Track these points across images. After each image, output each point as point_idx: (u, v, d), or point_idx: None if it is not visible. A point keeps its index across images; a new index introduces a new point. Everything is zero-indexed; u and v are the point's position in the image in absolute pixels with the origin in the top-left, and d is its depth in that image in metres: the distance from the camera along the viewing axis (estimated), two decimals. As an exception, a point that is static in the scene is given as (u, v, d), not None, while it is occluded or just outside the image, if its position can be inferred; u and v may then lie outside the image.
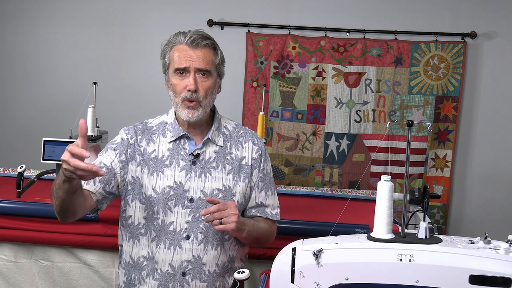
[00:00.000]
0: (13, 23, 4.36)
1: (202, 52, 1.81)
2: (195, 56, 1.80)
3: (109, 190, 1.83)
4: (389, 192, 1.49)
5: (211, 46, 1.84)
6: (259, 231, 1.89)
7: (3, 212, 2.44)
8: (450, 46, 4.04)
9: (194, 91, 1.79)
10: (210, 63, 1.82)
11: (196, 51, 1.80)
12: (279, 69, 4.17)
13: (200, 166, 1.85)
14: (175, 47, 1.83)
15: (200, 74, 1.81)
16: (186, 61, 1.80)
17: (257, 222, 1.90)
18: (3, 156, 4.34)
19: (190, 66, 1.80)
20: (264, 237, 1.94)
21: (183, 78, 1.81)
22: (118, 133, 1.93)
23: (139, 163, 1.85)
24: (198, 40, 1.80)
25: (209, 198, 1.77)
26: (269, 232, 1.95)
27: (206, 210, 1.73)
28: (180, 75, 1.82)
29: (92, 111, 2.86)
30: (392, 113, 4.12)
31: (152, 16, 4.27)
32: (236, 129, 1.96)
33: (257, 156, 1.92)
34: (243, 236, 1.83)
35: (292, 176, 4.22)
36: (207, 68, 1.81)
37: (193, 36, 1.81)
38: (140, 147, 1.87)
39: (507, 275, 1.34)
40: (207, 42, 1.82)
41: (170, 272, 1.83)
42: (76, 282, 2.48)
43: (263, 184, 1.93)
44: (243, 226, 1.80)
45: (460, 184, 4.19)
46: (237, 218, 1.74)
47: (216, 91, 1.89)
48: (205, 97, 1.82)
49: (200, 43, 1.81)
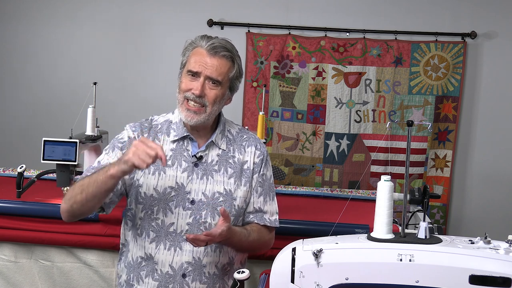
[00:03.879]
0: (13, 23, 4.36)
1: (218, 62, 1.80)
2: (210, 63, 1.79)
3: (117, 191, 1.83)
4: (389, 192, 1.49)
5: (229, 58, 1.82)
6: (249, 242, 1.87)
7: (3, 212, 2.44)
8: (450, 46, 4.04)
9: (198, 96, 1.79)
10: (223, 74, 1.80)
11: (212, 59, 1.79)
12: (279, 69, 4.17)
13: (202, 169, 1.85)
14: (195, 49, 1.82)
15: (210, 82, 1.80)
16: (200, 66, 1.79)
17: (249, 233, 1.87)
18: (3, 156, 4.34)
19: (202, 72, 1.79)
20: (256, 247, 1.94)
21: (192, 81, 1.81)
22: (123, 129, 1.91)
23: None
24: (218, 48, 1.80)
25: (222, 210, 1.73)
26: (264, 241, 1.94)
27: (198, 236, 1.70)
28: (191, 77, 1.81)
29: (92, 111, 2.86)
30: (392, 113, 4.12)
31: (152, 16, 4.27)
32: (240, 133, 1.95)
33: (259, 161, 1.92)
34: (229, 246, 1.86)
35: (292, 176, 4.22)
36: (218, 79, 1.80)
37: (215, 43, 1.80)
38: None
39: (507, 275, 1.34)
40: (226, 54, 1.81)
41: (170, 273, 1.83)
42: (76, 282, 2.48)
43: (262, 189, 1.93)
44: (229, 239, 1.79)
45: (460, 184, 4.19)
46: (221, 238, 1.74)
47: (224, 102, 1.88)
48: (212, 105, 1.81)
49: (219, 52, 1.80)
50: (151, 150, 1.61)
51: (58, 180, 2.61)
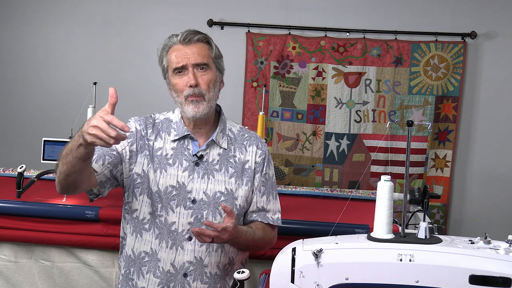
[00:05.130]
0: (13, 23, 4.36)
1: (196, 47, 1.81)
2: (190, 52, 1.80)
3: (115, 174, 1.82)
4: (389, 192, 1.49)
5: (205, 40, 1.84)
6: (254, 240, 1.87)
7: (3, 212, 2.44)
8: (450, 46, 4.04)
9: (195, 86, 1.79)
10: (206, 56, 1.82)
11: (190, 47, 1.80)
12: (279, 69, 4.17)
13: (203, 168, 1.85)
14: (170, 49, 1.83)
15: (198, 69, 1.81)
16: (183, 59, 1.80)
17: (254, 231, 1.88)
18: (3, 156, 4.34)
19: (187, 63, 1.79)
20: (260, 245, 1.94)
21: (182, 76, 1.81)
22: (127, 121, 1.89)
23: (147, 157, 1.84)
24: (190, 36, 1.81)
25: (223, 205, 1.72)
26: (268, 239, 1.95)
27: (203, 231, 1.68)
28: (179, 74, 1.81)
29: (92, 111, 2.86)
30: (392, 113, 4.12)
31: (152, 16, 4.27)
32: (241, 132, 1.95)
33: (260, 160, 1.91)
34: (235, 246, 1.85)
35: (292, 176, 4.22)
36: (204, 62, 1.81)
37: (185, 33, 1.82)
38: (149, 141, 1.86)
39: (507, 275, 1.34)
40: (200, 37, 1.82)
41: (172, 272, 1.83)
42: (76, 282, 2.48)
43: (265, 188, 1.93)
44: (236, 239, 1.78)
45: (460, 184, 4.19)
46: (229, 236, 1.72)
47: (219, 85, 1.88)
48: (208, 91, 1.81)
49: (192, 38, 1.81)
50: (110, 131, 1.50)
51: (58, 180, 2.61)
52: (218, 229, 1.68)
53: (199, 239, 1.70)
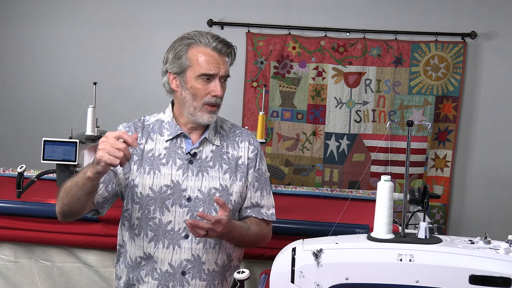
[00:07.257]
0: (13, 23, 4.36)
1: (225, 60, 1.83)
2: (221, 62, 1.81)
3: (111, 189, 1.83)
4: (389, 192, 1.49)
5: (231, 53, 1.85)
6: (249, 235, 1.87)
7: (3, 212, 2.45)
8: (450, 46, 4.04)
9: (220, 97, 1.82)
10: (229, 69, 1.85)
11: (221, 57, 1.81)
12: (279, 69, 4.17)
13: (197, 165, 1.85)
14: (197, 49, 1.80)
15: (222, 80, 1.83)
16: (215, 68, 1.80)
17: (248, 226, 1.88)
18: (3, 156, 4.34)
19: (218, 73, 1.80)
20: (255, 240, 1.94)
21: (207, 84, 1.81)
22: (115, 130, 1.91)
23: (136, 162, 1.85)
24: (224, 48, 1.81)
25: (216, 198, 1.73)
26: (263, 234, 1.95)
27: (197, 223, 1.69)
28: (205, 80, 1.81)
29: (92, 111, 2.86)
30: (392, 113, 4.12)
31: (152, 16, 4.27)
32: (232, 129, 1.96)
33: (253, 155, 1.93)
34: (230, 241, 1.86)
35: (292, 176, 4.22)
36: (228, 75, 1.84)
37: (217, 40, 1.81)
38: (139, 145, 1.87)
39: (507, 275, 1.34)
40: (229, 51, 1.84)
41: (170, 272, 1.83)
42: (76, 282, 2.48)
43: (259, 184, 1.93)
44: (231, 233, 1.78)
45: (460, 184, 4.19)
46: (223, 229, 1.72)
47: None
48: (221, 100, 1.85)
49: (225, 50, 1.82)
50: (118, 144, 1.57)
51: (58, 180, 2.61)
52: (211, 221, 1.68)
53: (194, 232, 1.70)
